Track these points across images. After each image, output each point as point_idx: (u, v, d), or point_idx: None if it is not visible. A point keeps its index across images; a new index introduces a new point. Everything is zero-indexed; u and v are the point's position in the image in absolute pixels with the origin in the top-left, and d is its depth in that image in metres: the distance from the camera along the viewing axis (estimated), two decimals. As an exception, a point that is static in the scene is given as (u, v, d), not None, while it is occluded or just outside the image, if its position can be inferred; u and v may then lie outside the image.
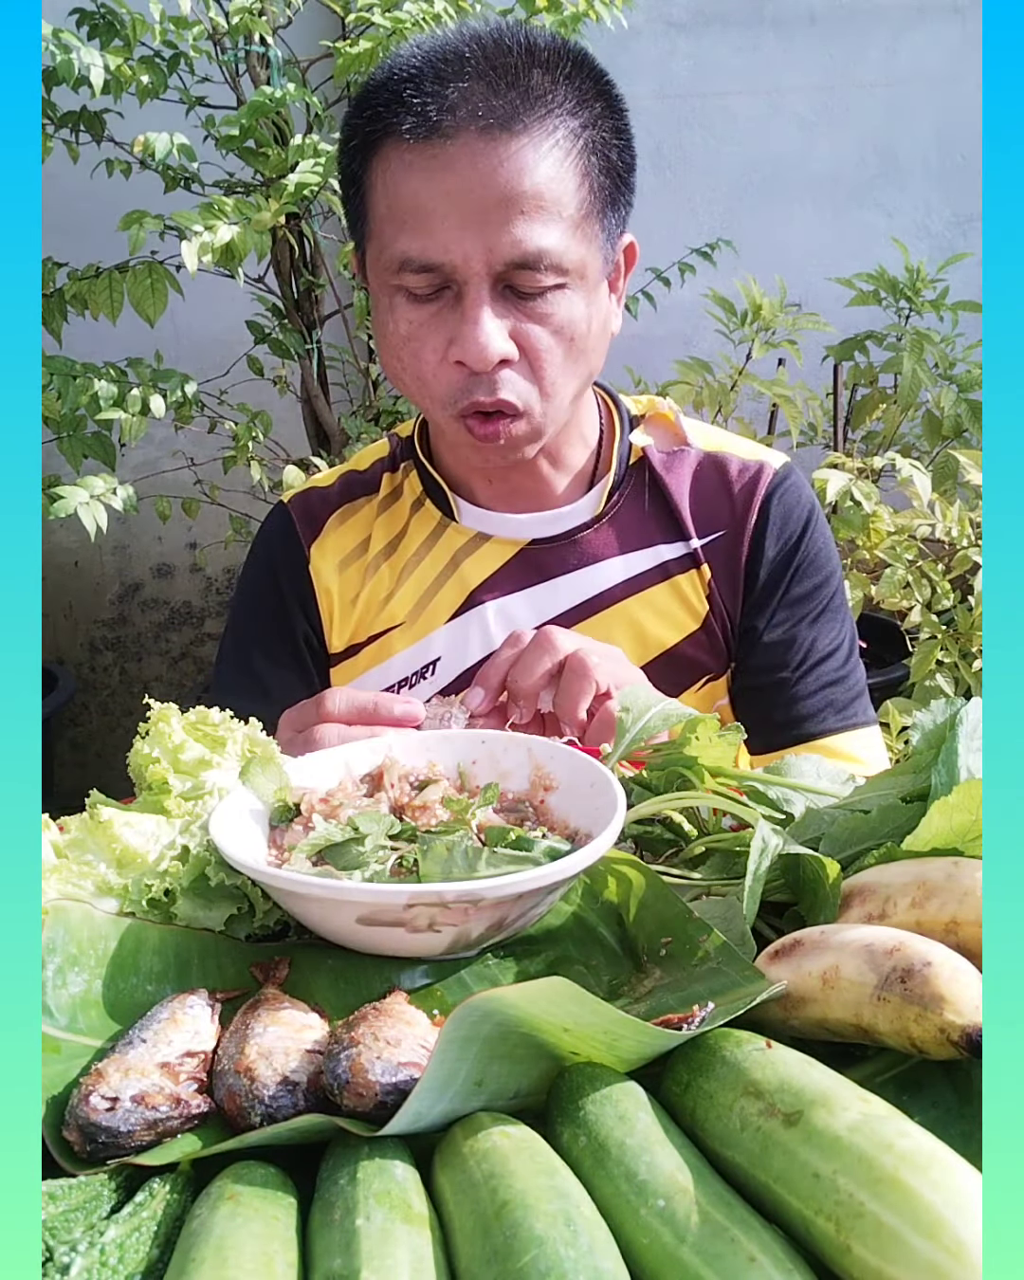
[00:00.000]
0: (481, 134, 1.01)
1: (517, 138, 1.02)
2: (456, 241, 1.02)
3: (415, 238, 1.03)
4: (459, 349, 1.04)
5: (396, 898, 0.60)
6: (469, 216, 1.01)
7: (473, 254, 1.02)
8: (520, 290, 1.05)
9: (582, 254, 1.06)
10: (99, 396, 1.99)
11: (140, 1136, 0.52)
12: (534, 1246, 0.42)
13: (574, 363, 1.10)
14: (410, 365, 1.10)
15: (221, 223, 1.85)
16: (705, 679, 1.24)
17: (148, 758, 0.74)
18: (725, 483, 1.24)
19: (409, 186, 1.04)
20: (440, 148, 1.02)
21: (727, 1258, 0.41)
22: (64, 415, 2.03)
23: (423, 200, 1.03)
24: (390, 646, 1.25)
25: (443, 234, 1.02)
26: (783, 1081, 0.48)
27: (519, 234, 1.01)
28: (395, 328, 1.09)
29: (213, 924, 0.69)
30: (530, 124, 1.02)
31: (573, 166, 1.05)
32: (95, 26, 1.99)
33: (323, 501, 1.32)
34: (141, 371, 2.08)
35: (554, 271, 1.04)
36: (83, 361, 2.05)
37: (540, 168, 1.02)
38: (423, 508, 1.27)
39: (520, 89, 1.03)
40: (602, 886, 0.71)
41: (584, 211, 1.06)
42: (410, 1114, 0.49)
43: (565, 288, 1.06)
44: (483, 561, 1.24)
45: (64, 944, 0.62)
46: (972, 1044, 0.48)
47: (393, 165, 1.05)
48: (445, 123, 1.02)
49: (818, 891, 0.63)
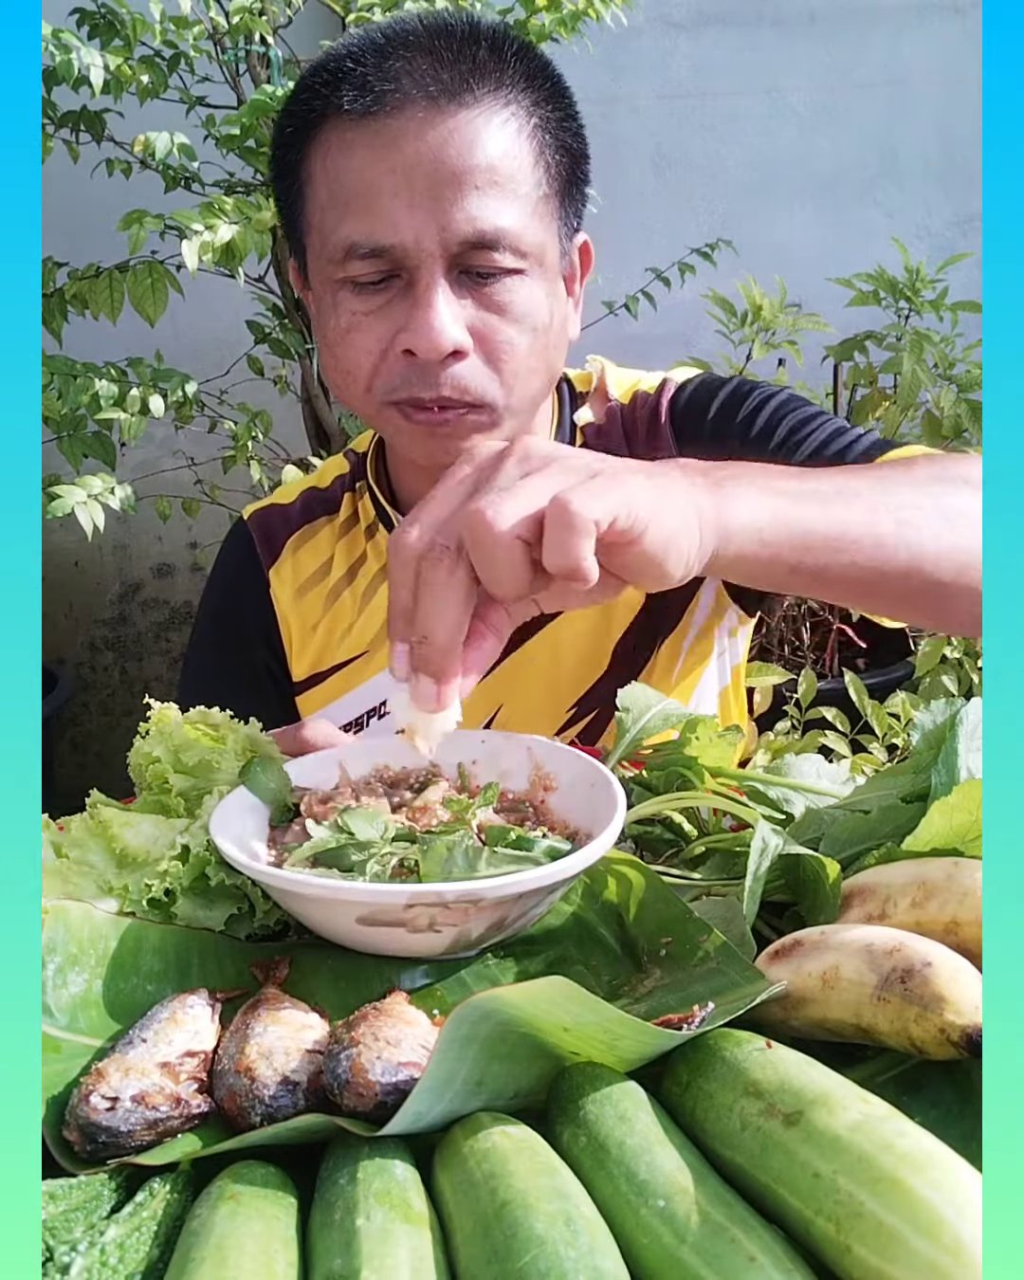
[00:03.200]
0: (429, 105, 0.94)
1: (467, 109, 0.95)
2: (406, 220, 0.94)
3: (361, 220, 0.95)
4: (409, 336, 0.95)
5: (397, 898, 0.60)
6: (419, 193, 0.94)
7: (425, 233, 0.94)
8: (477, 273, 0.97)
9: (541, 237, 1.00)
10: (99, 396, 1.99)
11: (140, 1136, 0.52)
12: (534, 1246, 0.42)
13: (538, 357, 1.02)
14: (345, 358, 1.01)
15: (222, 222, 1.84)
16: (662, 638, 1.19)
17: (148, 757, 0.74)
18: (638, 418, 1.16)
19: (352, 165, 0.96)
20: (384, 122, 0.94)
21: (727, 1258, 0.41)
22: (64, 415, 2.03)
23: (368, 179, 0.95)
24: (356, 676, 1.21)
25: (391, 213, 0.94)
26: (783, 1081, 0.48)
27: (474, 210, 0.94)
28: (336, 322, 1.00)
29: (213, 924, 0.69)
30: (480, 96, 0.96)
31: (527, 143, 0.98)
32: (95, 26, 1.99)
33: (283, 521, 1.25)
34: (142, 371, 2.08)
35: (513, 254, 0.97)
36: (83, 361, 2.05)
37: (494, 140, 0.95)
38: (377, 533, 1.21)
39: (467, 61, 0.96)
40: (602, 886, 0.71)
41: (542, 192, 0.99)
42: (410, 1114, 0.49)
43: (525, 274, 0.98)
44: None
45: (64, 944, 0.62)
46: (972, 1044, 0.48)
47: (333, 147, 0.97)
48: (389, 94, 0.94)
49: (818, 891, 0.63)
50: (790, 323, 2.40)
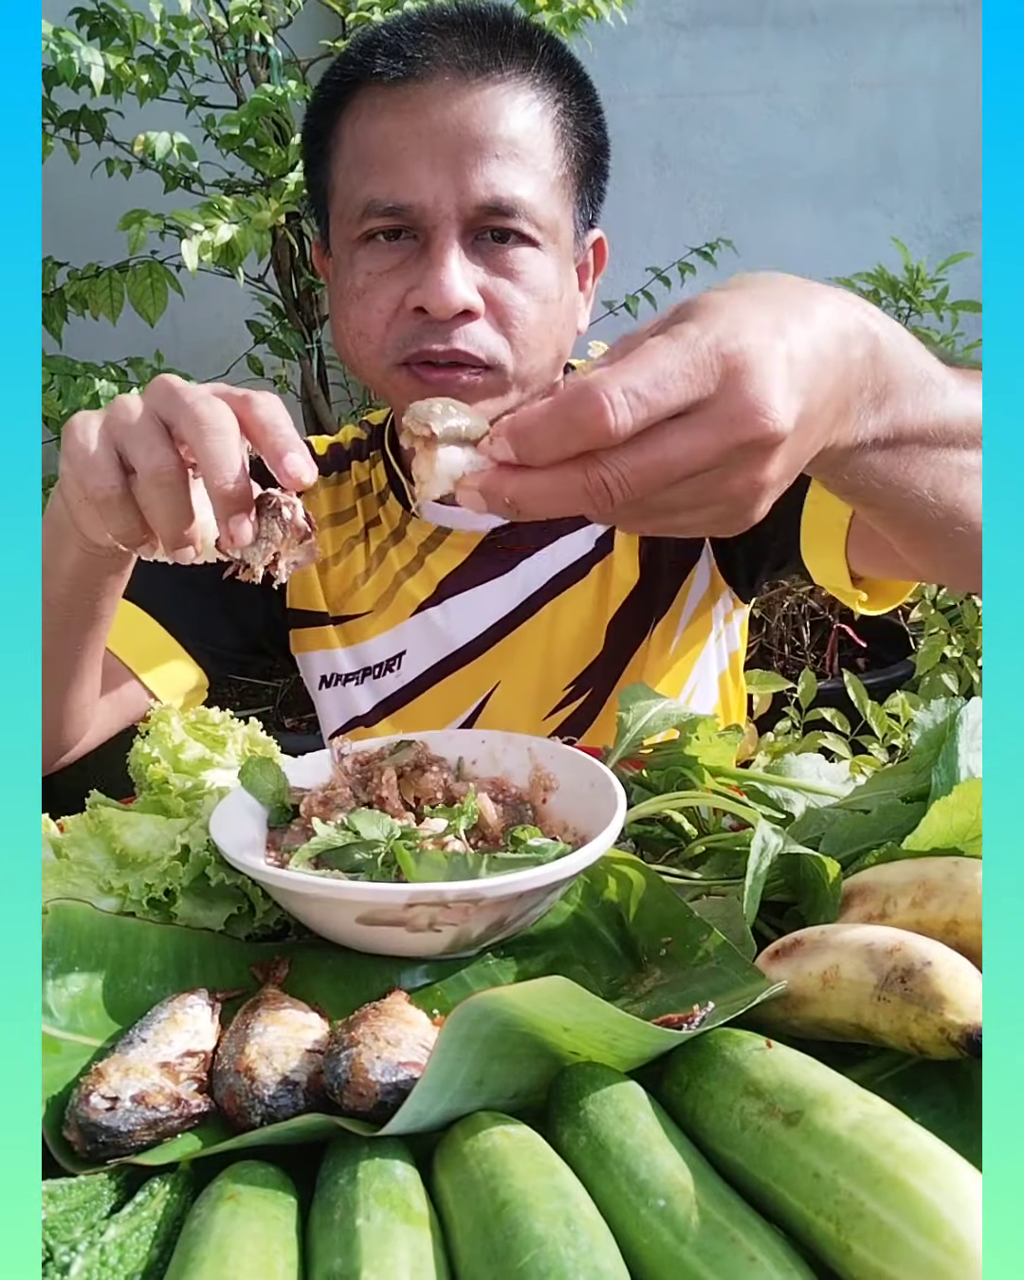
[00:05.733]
0: (457, 76, 0.98)
1: (493, 84, 0.99)
2: (427, 181, 0.97)
3: (383, 179, 0.98)
4: (420, 293, 0.97)
5: (397, 897, 0.60)
6: (441, 157, 0.97)
7: (443, 195, 0.96)
8: (492, 236, 0.99)
9: (556, 214, 1.02)
10: (99, 396, 1.99)
11: (140, 1136, 0.52)
12: (534, 1246, 0.42)
13: (547, 330, 1.03)
14: (357, 318, 1.02)
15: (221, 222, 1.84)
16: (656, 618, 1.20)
17: (148, 757, 0.74)
18: None
19: (379, 129, 0.99)
20: (414, 89, 0.98)
21: (727, 1257, 0.41)
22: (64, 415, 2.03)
23: (393, 142, 0.98)
24: (359, 632, 1.23)
25: (413, 174, 0.97)
26: (783, 1081, 0.48)
27: (493, 177, 0.97)
28: (352, 282, 1.02)
29: (213, 924, 0.69)
30: (507, 75, 0.99)
31: (550, 125, 1.01)
32: (95, 26, 1.99)
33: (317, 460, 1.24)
34: (142, 371, 2.08)
35: (528, 223, 0.99)
36: (83, 361, 2.05)
37: (517, 117, 0.99)
38: (388, 500, 1.24)
39: (497, 42, 1.00)
40: (602, 886, 0.71)
41: (560, 172, 1.02)
42: (410, 1113, 0.49)
43: (538, 246, 1.01)
44: (447, 555, 1.20)
45: (64, 944, 0.62)
46: (972, 1044, 0.48)
47: (362, 113, 1.00)
48: (420, 63, 0.98)
49: (818, 891, 0.63)
50: (790, 322, 2.40)
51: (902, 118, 3.10)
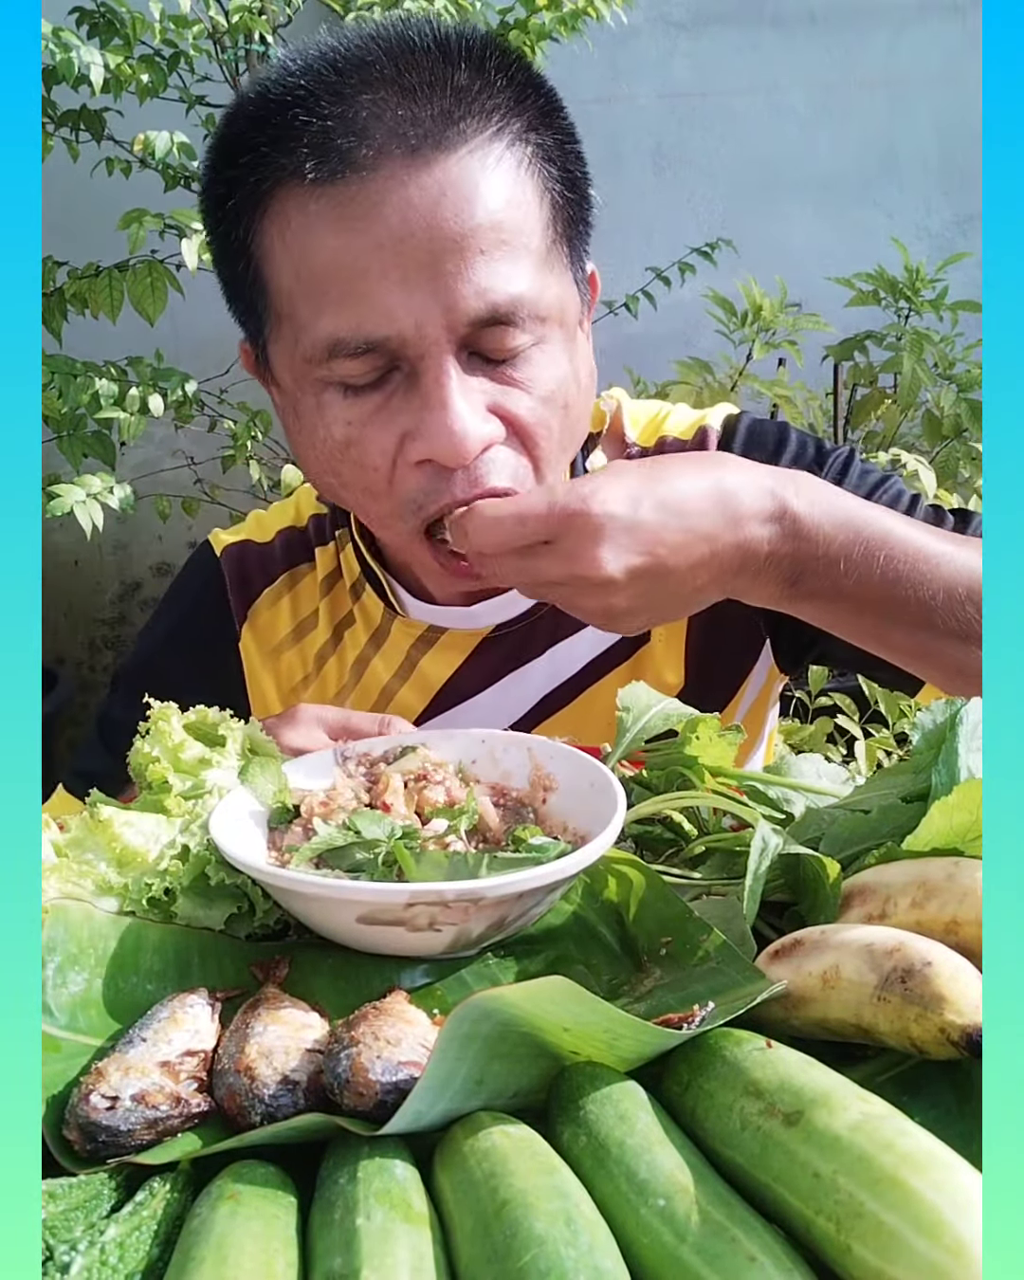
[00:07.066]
0: (408, 157, 0.77)
1: (454, 154, 0.78)
2: (402, 305, 0.78)
3: (345, 311, 0.79)
4: (425, 444, 0.80)
5: (397, 897, 0.60)
6: (414, 270, 0.77)
7: (426, 318, 0.78)
8: (492, 357, 0.82)
9: (558, 293, 0.85)
10: (99, 395, 1.99)
11: (140, 1135, 0.52)
12: (534, 1246, 0.42)
13: (569, 435, 0.88)
14: (355, 478, 0.85)
15: (221, 222, 1.84)
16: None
17: (148, 757, 0.74)
18: None
19: (323, 245, 0.78)
20: (358, 186, 0.77)
21: (727, 1257, 0.41)
22: (64, 414, 2.03)
23: (347, 259, 0.78)
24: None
25: (382, 299, 0.78)
26: (783, 1081, 0.48)
27: (484, 281, 0.78)
28: (329, 434, 0.84)
29: (213, 923, 0.69)
30: (467, 132, 0.79)
31: (528, 180, 0.82)
32: (95, 25, 1.99)
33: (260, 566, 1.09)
34: (141, 370, 2.08)
35: (532, 322, 0.82)
36: (83, 360, 2.05)
37: (493, 188, 0.79)
38: (364, 594, 1.07)
39: (444, 90, 0.78)
40: (602, 886, 0.71)
41: (551, 237, 0.84)
42: (410, 1113, 0.49)
43: (545, 343, 0.84)
44: (442, 657, 1.05)
45: (64, 943, 0.62)
46: (972, 1044, 0.48)
47: (293, 221, 0.79)
48: (359, 151, 0.77)
49: (818, 891, 0.63)
50: (790, 322, 2.40)
51: (902, 118, 3.10)
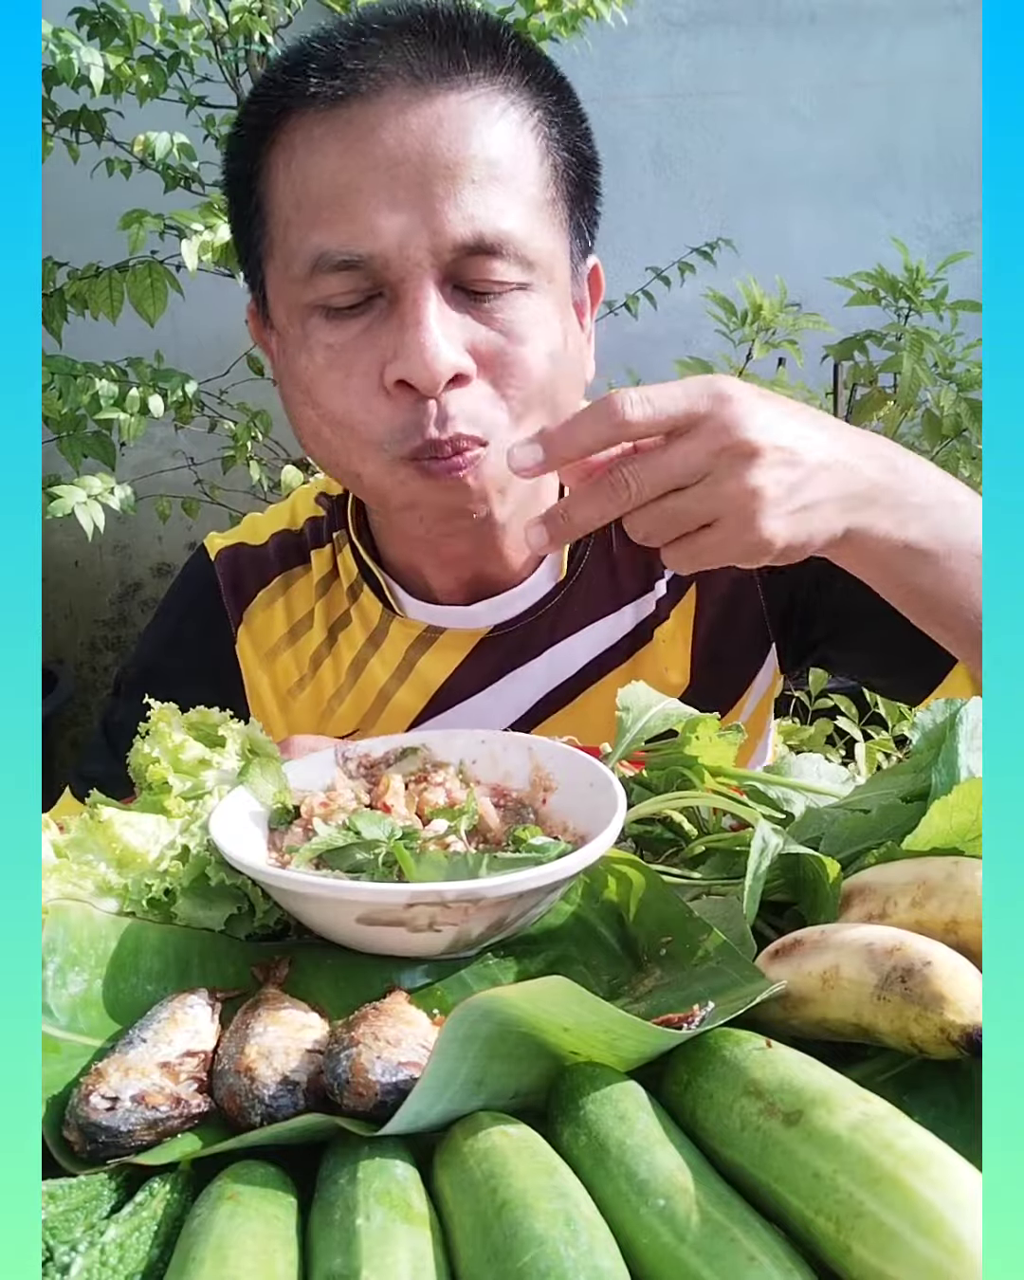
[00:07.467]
0: (412, 86, 0.78)
1: (458, 91, 0.79)
2: (388, 224, 0.77)
3: (335, 225, 0.79)
4: (400, 364, 0.79)
5: (397, 897, 0.60)
6: (403, 190, 0.77)
7: (411, 238, 0.78)
8: (475, 289, 0.81)
9: (549, 245, 0.84)
10: (99, 396, 1.99)
11: (140, 1136, 0.52)
12: (534, 1246, 0.42)
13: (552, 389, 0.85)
14: (329, 405, 0.83)
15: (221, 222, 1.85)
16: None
17: (148, 757, 0.74)
18: None
19: (322, 166, 0.79)
20: (360, 110, 0.78)
21: (727, 1257, 0.41)
22: (64, 415, 2.03)
23: (341, 178, 0.78)
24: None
25: (369, 216, 0.77)
26: (783, 1081, 0.48)
27: (470, 208, 0.78)
28: (311, 360, 0.83)
29: (213, 924, 0.69)
30: (474, 79, 0.79)
31: (531, 137, 0.82)
32: (95, 26, 2.00)
33: (254, 569, 1.08)
34: (142, 371, 2.08)
35: (517, 263, 0.81)
36: (83, 361, 2.05)
37: (493, 128, 0.79)
38: (362, 595, 1.06)
39: (459, 40, 0.80)
40: (602, 886, 0.71)
41: (549, 195, 0.84)
42: (410, 1113, 0.49)
43: (531, 289, 0.83)
44: (441, 658, 1.04)
45: (64, 944, 0.62)
46: (972, 1044, 0.48)
47: (298, 148, 0.80)
48: (365, 76, 0.78)
49: (818, 891, 0.63)
50: (790, 322, 2.40)
51: (902, 118, 3.10)
